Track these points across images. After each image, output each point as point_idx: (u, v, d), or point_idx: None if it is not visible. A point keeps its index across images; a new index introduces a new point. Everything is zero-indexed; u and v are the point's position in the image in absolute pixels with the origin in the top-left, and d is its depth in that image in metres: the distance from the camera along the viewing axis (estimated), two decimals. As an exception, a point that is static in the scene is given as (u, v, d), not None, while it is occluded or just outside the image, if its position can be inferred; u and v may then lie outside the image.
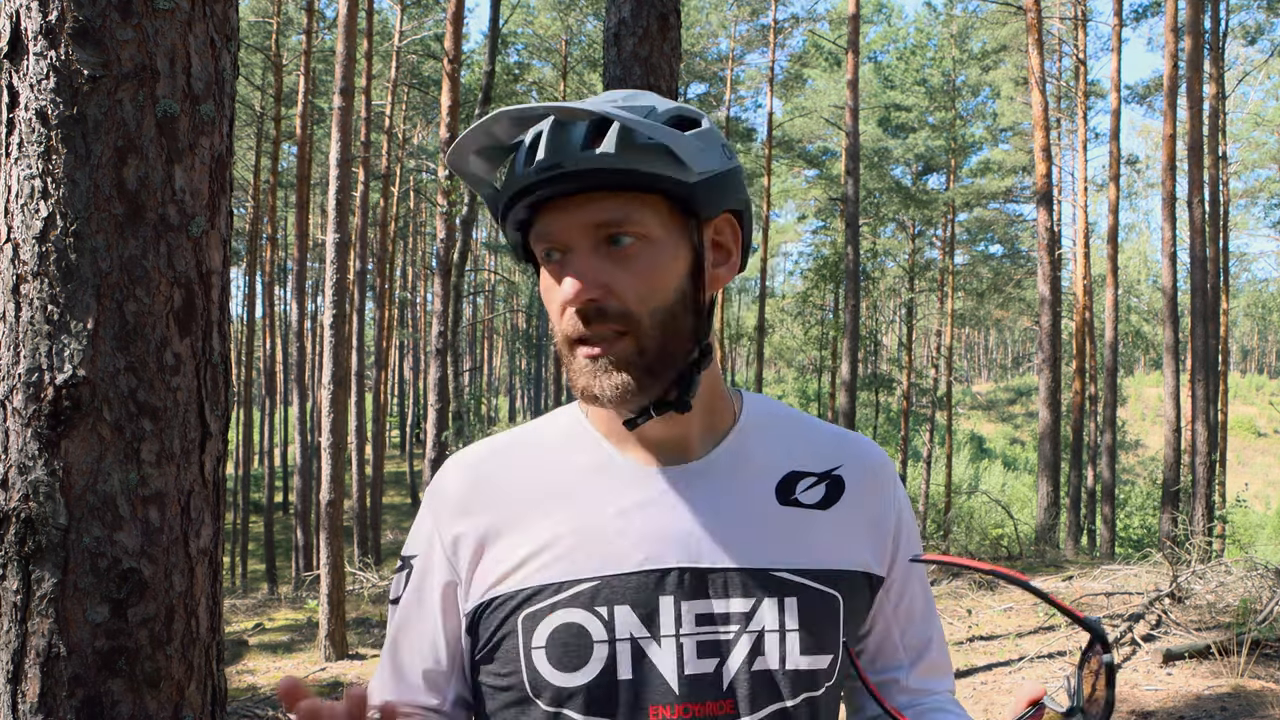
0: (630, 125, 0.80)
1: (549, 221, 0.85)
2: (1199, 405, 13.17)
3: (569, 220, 0.84)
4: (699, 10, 26.27)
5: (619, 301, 0.83)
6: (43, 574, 1.45)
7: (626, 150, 0.81)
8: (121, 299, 1.47)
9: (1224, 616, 6.29)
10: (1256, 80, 24.46)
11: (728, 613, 0.88)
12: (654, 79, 3.93)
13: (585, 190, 0.83)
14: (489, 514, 0.92)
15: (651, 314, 0.84)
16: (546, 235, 0.85)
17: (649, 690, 0.85)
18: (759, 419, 0.97)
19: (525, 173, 0.83)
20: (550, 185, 0.82)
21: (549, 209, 0.85)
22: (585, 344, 0.85)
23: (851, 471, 0.96)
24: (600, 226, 0.83)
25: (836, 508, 0.94)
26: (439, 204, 13.04)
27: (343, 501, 8.43)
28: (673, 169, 0.82)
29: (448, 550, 0.93)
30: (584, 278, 0.83)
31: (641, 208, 0.84)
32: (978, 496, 18.11)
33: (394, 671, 0.97)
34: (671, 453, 0.92)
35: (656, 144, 0.82)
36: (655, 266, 0.84)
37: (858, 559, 0.94)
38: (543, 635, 0.87)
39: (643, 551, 0.88)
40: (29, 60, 1.45)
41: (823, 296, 24.15)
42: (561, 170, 0.81)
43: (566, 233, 0.84)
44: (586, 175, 0.81)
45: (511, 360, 52.22)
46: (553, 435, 0.97)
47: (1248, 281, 44.95)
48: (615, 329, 0.84)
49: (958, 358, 50.18)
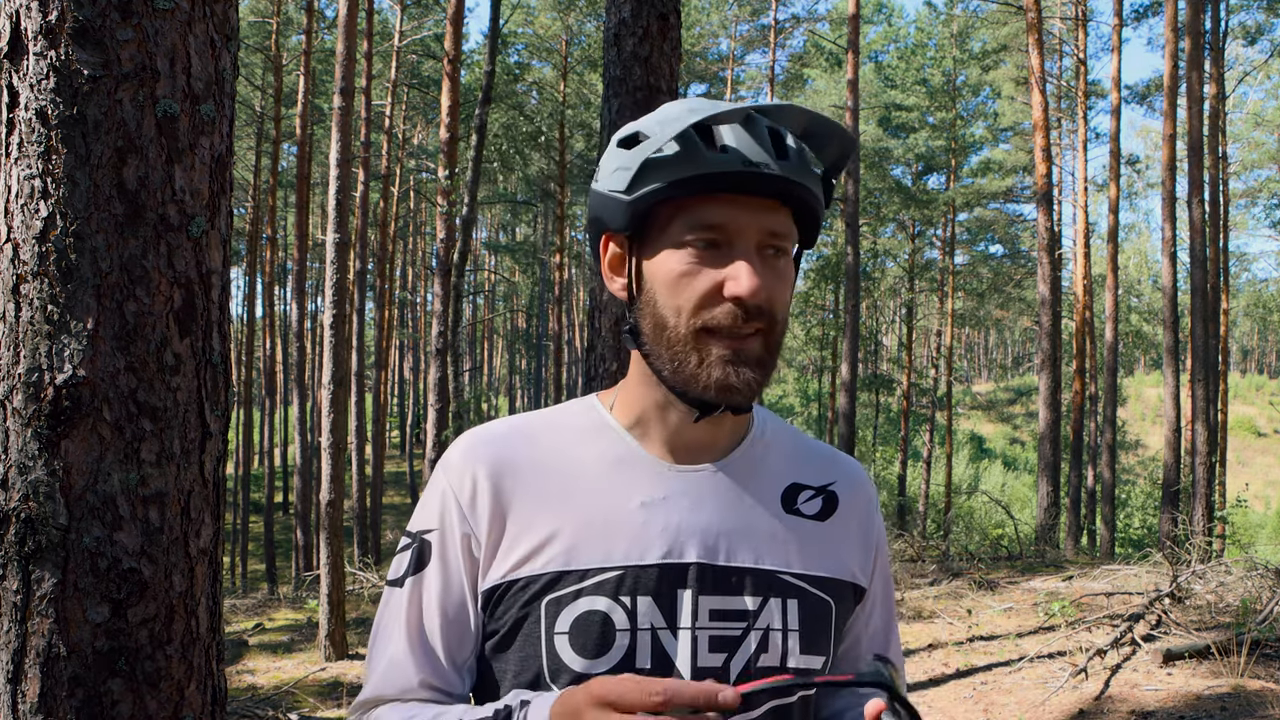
0: (803, 149, 0.87)
1: (721, 213, 0.87)
2: (1199, 405, 13.17)
3: (749, 219, 0.87)
4: (699, 10, 26.27)
5: (770, 304, 0.88)
6: (43, 574, 1.45)
7: (805, 170, 0.86)
8: (121, 299, 1.47)
9: (1224, 616, 6.29)
10: (1256, 80, 24.45)
11: (739, 610, 0.91)
12: (654, 79, 3.93)
13: (767, 195, 0.87)
14: (507, 486, 0.93)
15: (783, 321, 0.91)
16: (717, 225, 0.87)
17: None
18: (770, 431, 1.02)
19: (719, 159, 0.85)
20: (749, 181, 0.85)
21: (721, 200, 0.87)
22: (729, 337, 0.87)
23: (844, 489, 1.01)
24: (771, 234, 0.88)
25: (831, 521, 0.99)
26: (439, 204, 13.04)
27: (343, 501, 8.43)
28: (822, 196, 0.90)
29: (465, 509, 0.93)
30: (764, 276, 0.87)
31: (792, 225, 0.90)
32: (978, 496, 18.13)
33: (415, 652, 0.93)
34: (695, 452, 0.95)
35: (817, 172, 0.89)
36: (790, 279, 0.91)
37: (847, 570, 0.98)
38: (566, 621, 0.88)
39: (664, 545, 0.90)
40: (29, 60, 1.45)
41: (823, 296, 24.17)
42: (766, 171, 0.84)
43: (743, 230, 0.87)
44: (779, 181, 0.85)
45: (511, 360, 52.21)
46: (573, 423, 0.98)
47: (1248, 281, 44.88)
48: (759, 328, 0.88)
49: (958, 358, 50.17)
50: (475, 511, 0.92)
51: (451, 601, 0.93)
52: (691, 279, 0.87)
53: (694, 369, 0.87)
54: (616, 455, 0.94)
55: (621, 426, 0.96)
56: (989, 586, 8.19)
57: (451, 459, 0.95)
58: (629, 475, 0.93)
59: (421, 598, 0.94)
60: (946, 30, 24.69)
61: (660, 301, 0.89)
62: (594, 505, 0.92)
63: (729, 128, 0.87)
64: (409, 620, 0.94)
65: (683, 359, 0.87)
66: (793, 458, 1.00)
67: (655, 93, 3.94)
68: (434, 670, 0.93)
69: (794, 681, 0.76)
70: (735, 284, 0.85)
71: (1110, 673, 5.34)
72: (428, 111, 28.59)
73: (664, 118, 0.91)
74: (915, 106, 24.91)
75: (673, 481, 0.93)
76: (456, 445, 0.97)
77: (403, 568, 0.96)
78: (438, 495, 0.95)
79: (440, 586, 0.93)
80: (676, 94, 4.07)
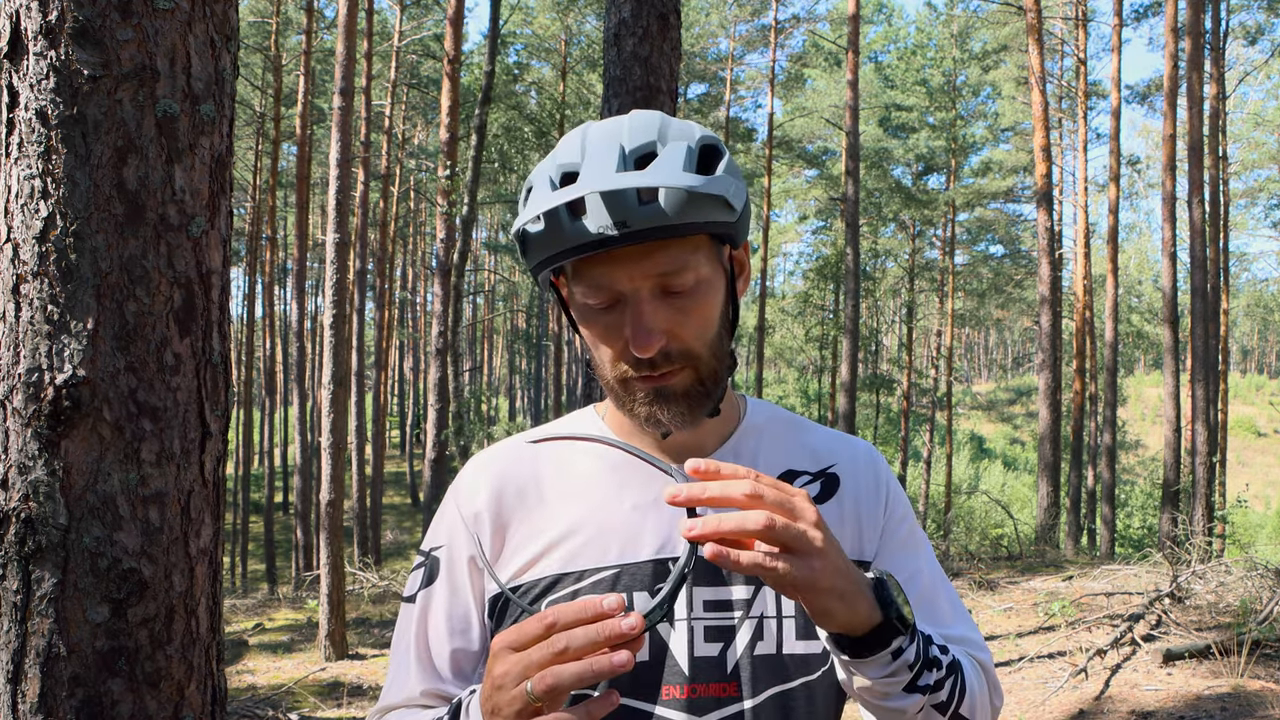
0: (683, 188, 0.82)
1: (604, 274, 0.87)
2: (1199, 405, 13.17)
3: (630, 271, 0.86)
4: (699, 10, 26.26)
5: (680, 343, 0.88)
6: (43, 574, 1.45)
7: (686, 207, 0.83)
8: (121, 299, 1.47)
9: (1224, 616, 6.29)
10: (1256, 80, 24.44)
11: (732, 599, 0.93)
12: (654, 79, 3.93)
13: (643, 243, 0.85)
14: (510, 503, 0.98)
15: (708, 347, 0.90)
16: (604, 287, 0.87)
17: (663, 671, 0.91)
18: (760, 421, 1.04)
19: (579, 229, 0.83)
20: (613, 242, 0.83)
21: (601, 260, 0.86)
22: (646, 379, 0.89)
23: (845, 469, 1.02)
24: (661, 275, 0.86)
25: (831, 503, 0.99)
26: (439, 204, 13.04)
27: (343, 501, 8.43)
28: (723, 213, 0.87)
29: (470, 526, 0.98)
30: (652, 328, 0.86)
31: (694, 251, 0.88)
32: (978, 496, 18.12)
33: (419, 663, 0.98)
34: (682, 454, 0.98)
35: (711, 195, 0.85)
36: (708, 303, 0.90)
37: (848, 548, 0.98)
38: None
39: (657, 542, 0.94)
40: (29, 60, 1.45)
41: (823, 297, 24.17)
42: (628, 230, 0.82)
43: (627, 283, 0.87)
44: (649, 232, 0.83)
45: (511, 360, 52.20)
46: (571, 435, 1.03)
47: (1248, 281, 44.93)
48: (676, 366, 0.89)
49: (958, 358, 50.16)
50: (480, 528, 0.97)
51: (458, 614, 0.98)
52: (601, 338, 0.90)
53: (627, 408, 0.92)
54: (610, 463, 0.99)
55: (613, 435, 1.01)
56: (989, 586, 8.19)
57: (459, 482, 1.02)
58: (621, 480, 0.97)
59: (428, 611, 0.99)
60: (946, 30, 24.68)
61: (590, 350, 0.94)
62: (590, 512, 0.96)
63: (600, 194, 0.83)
64: (417, 633, 0.99)
65: (619, 399, 0.93)
66: (789, 445, 1.02)
67: (655, 93, 3.94)
68: (436, 680, 0.98)
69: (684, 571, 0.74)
70: (633, 344, 0.86)
71: (1110, 673, 5.34)
72: (428, 111, 28.59)
73: (538, 176, 0.90)
74: (915, 106, 24.91)
75: (662, 483, 0.96)
76: (464, 469, 1.03)
77: (415, 585, 1.02)
78: (446, 516, 1.01)
79: (447, 601, 0.98)
80: (676, 94, 4.06)
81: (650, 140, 0.87)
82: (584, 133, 0.91)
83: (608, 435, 1.00)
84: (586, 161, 0.86)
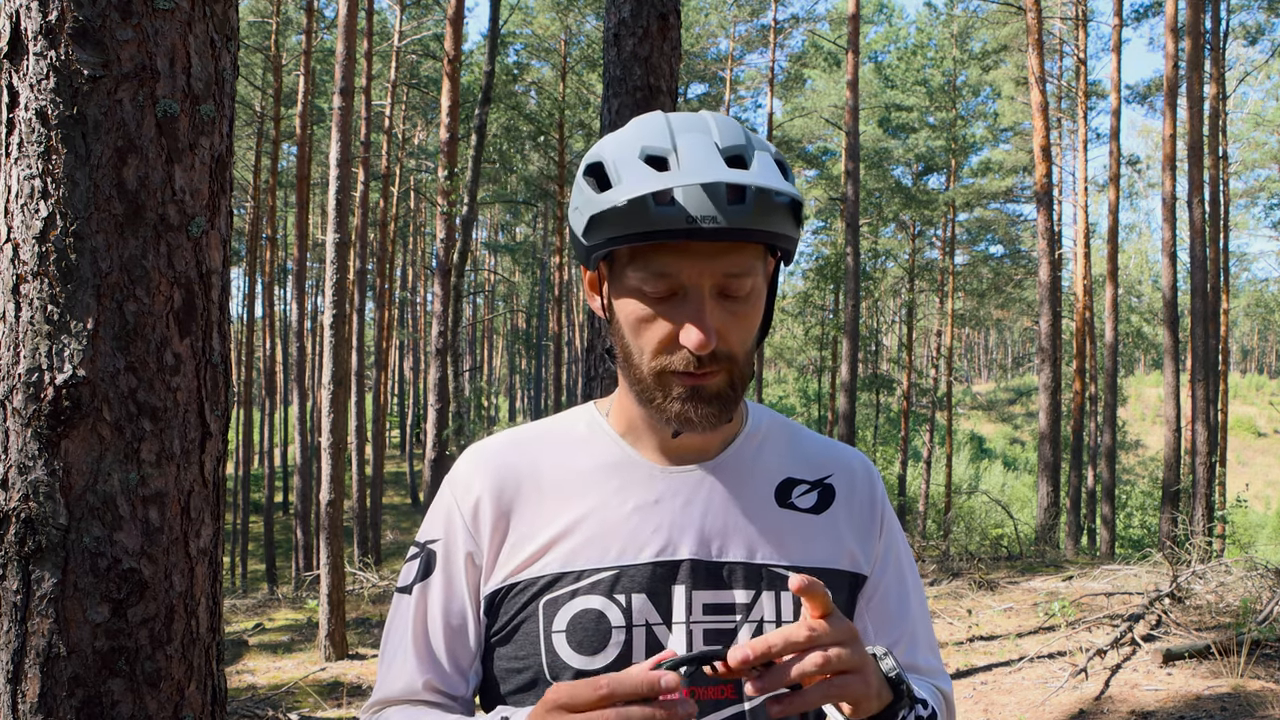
0: (766, 189, 0.83)
1: (671, 263, 0.87)
2: (1199, 405, 13.17)
3: (700, 266, 0.87)
4: (699, 10, 26.26)
5: (726, 346, 0.89)
6: (43, 574, 1.45)
7: (765, 211, 0.84)
8: (121, 299, 1.47)
9: (1224, 616, 6.29)
10: (1256, 80, 24.45)
11: (732, 603, 0.93)
12: (654, 79, 3.93)
13: (720, 241, 0.85)
14: (508, 497, 0.97)
15: (746, 354, 0.92)
16: (668, 276, 0.87)
17: None
18: (761, 427, 1.03)
19: (666, 215, 0.83)
20: (700, 235, 0.83)
21: (671, 249, 0.86)
22: (688, 376, 0.89)
23: (841, 481, 1.03)
24: (726, 276, 0.87)
25: (827, 514, 1.00)
26: (439, 204, 13.04)
27: (343, 501, 8.43)
28: (794, 228, 0.88)
29: (468, 521, 0.97)
30: (709, 326, 0.86)
31: (756, 259, 0.89)
32: (978, 496, 18.12)
33: (419, 655, 0.98)
34: (687, 454, 0.98)
35: (786, 203, 0.86)
36: (755, 311, 0.92)
37: (843, 560, 1.00)
38: (563, 620, 0.92)
39: (658, 544, 0.94)
40: (29, 60, 1.44)
41: (823, 297, 24.15)
42: (718, 225, 0.83)
43: (695, 277, 0.87)
44: (727, 233, 0.83)
45: (511, 360, 52.21)
46: (571, 432, 1.02)
47: (1248, 281, 44.94)
48: (718, 368, 0.90)
49: (958, 358, 50.17)
50: (477, 522, 0.97)
51: (454, 608, 0.97)
52: (648, 325, 0.90)
53: (658, 403, 0.91)
54: (611, 461, 0.98)
55: (616, 433, 1.00)
56: (989, 586, 8.19)
57: (456, 473, 1.01)
58: (623, 480, 0.97)
59: (426, 604, 0.98)
60: (946, 30, 24.68)
61: (626, 337, 0.93)
62: (590, 510, 0.95)
63: (694, 186, 0.85)
64: (414, 625, 0.98)
65: (649, 392, 0.92)
66: (788, 453, 1.03)
67: (655, 93, 3.94)
68: (437, 673, 0.97)
69: (716, 649, 0.78)
70: (687, 337, 0.86)
71: (1110, 673, 5.34)
72: (428, 111, 28.59)
73: (619, 155, 0.89)
74: (915, 107, 24.91)
75: (664, 484, 0.96)
76: (461, 459, 1.02)
77: (410, 576, 1.01)
78: (443, 508, 1.00)
79: (444, 594, 0.98)
80: (676, 94, 4.06)
81: (740, 143, 0.88)
82: (666, 120, 0.91)
83: (609, 432, 1.00)
84: (681, 151, 0.87)
